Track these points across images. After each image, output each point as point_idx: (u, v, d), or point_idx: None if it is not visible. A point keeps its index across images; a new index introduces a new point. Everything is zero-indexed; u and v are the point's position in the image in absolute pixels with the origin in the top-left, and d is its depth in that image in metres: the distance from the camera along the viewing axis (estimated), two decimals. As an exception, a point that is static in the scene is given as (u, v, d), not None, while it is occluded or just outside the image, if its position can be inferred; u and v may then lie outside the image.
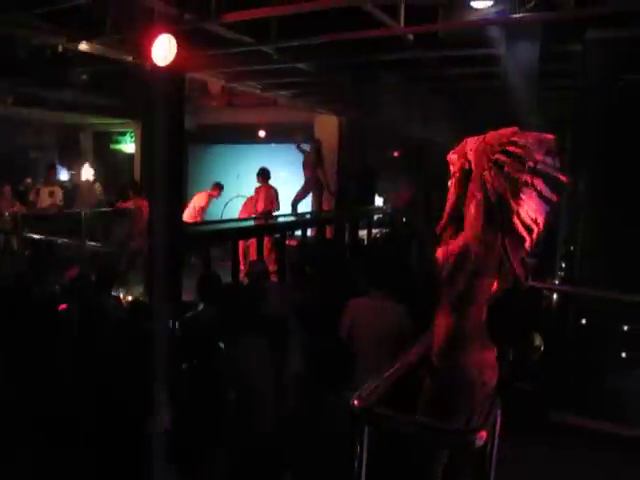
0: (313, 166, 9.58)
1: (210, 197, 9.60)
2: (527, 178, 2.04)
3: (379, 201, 11.63)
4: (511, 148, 2.08)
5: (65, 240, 7.87)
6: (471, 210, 2.19)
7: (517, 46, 4.32)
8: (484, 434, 1.61)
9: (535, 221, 2.08)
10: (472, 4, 4.21)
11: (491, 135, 2.19)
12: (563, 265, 7.02)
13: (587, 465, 3.36)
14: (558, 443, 3.60)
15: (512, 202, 2.07)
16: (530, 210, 2.07)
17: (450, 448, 2.00)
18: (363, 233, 9.54)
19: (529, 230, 2.09)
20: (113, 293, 5.70)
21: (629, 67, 4.46)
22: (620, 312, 4.35)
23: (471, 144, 2.26)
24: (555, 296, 6.12)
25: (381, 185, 11.76)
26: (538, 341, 6.07)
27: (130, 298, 6.37)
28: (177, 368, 3.29)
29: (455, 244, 2.26)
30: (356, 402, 1.72)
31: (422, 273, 5.97)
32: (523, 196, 2.05)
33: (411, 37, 5.01)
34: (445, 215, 2.35)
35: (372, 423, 1.74)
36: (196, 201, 9.42)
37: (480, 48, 5.03)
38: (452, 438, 1.63)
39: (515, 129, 2.13)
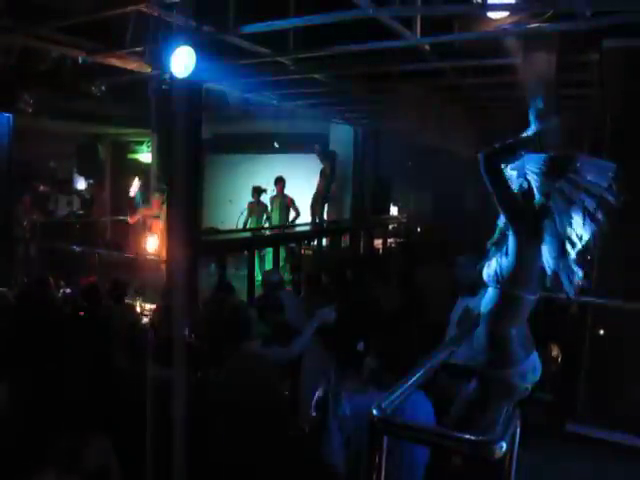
0: (326, 178, 9.62)
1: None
2: (579, 198, 2.18)
3: (394, 210, 11.64)
4: (572, 175, 2.21)
5: (81, 248, 7.96)
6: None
7: (534, 56, 4.32)
8: (504, 444, 1.60)
9: (580, 238, 2.20)
10: (488, 14, 4.22)
11: (554, 161, 2.29)
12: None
13: (605, 477, 3.33)
14: (575, 454, 3.57)
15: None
16: (577, 227, 2.18)
17: (469, 458, 2.00)
18: (378, 242, 9.56)
19: (573, 245, 2.21)
20: (128, 301, 5.78)
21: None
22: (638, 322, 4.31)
23: (532, 164, 2.36)
24: (573, 306, 6.07)
25: (395, 195, 11.78)
26: (555, 352, 6.03)
27: (147, 306, 6.43)
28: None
29: (504, 256, 2.37)
30: (375, 411, 1.72)
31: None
32: (573, 214, 2.18)
33: (427, 47, 5.02)
34: (500, 232, 2.46)
35: (391, 432, 1.74)
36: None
37: (497, 58, 5.04)
38: (471, 448, 1.62)
39: (577, 154, 2.26)
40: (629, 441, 3.64)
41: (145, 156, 12.68)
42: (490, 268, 2.46)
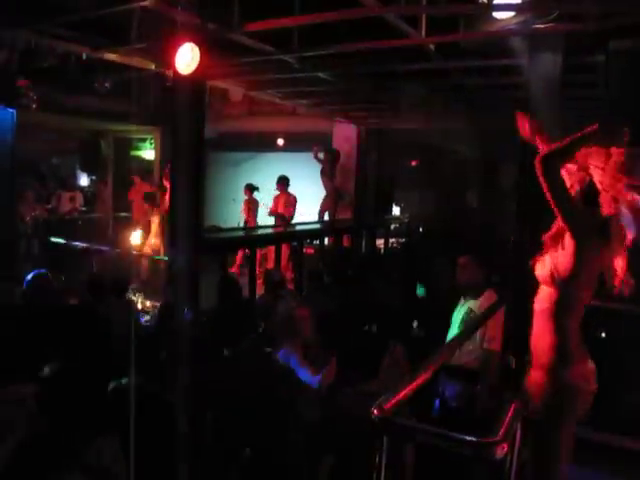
0: (328, 176, 9.64)
1: None
2: (630, 196, 2.16)
3: (396, 210, 11.63)
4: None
5: (85, 244, 7.96)
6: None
7: (540, 57, 4.30)
8: (505, 446, 1.59)
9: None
10: (494, 14, 4.20)
11: (618, 158, 2.22)
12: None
13: (603, 478, 3.31)
14: (578, 458, 3.55)
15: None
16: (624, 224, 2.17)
17: (471, 460, 1.99)
18: (380, 242, 9.54)
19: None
20: (130, 297, 5.78)
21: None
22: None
23: (597, 159, 2.29)
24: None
25: (398, 194, 11.76)
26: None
27: (148, 303, 6.43)
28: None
29: (562, 255, 2.31)
30: (375, 412, 1.71)
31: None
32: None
33: (432, 47, 5.00)
34: (559, 226, 2.38)
35: (391, 433, 1.74)
36: None
37: (502, 58, 5.02)
38: (472, 450, 1.61)
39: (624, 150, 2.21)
40: (631, 445, 3.62)
41: (148, 153, 12.68)
42: (545, 267, 2.40)
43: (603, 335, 4.64)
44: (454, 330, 4.03)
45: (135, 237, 8.29)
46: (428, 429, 1.76)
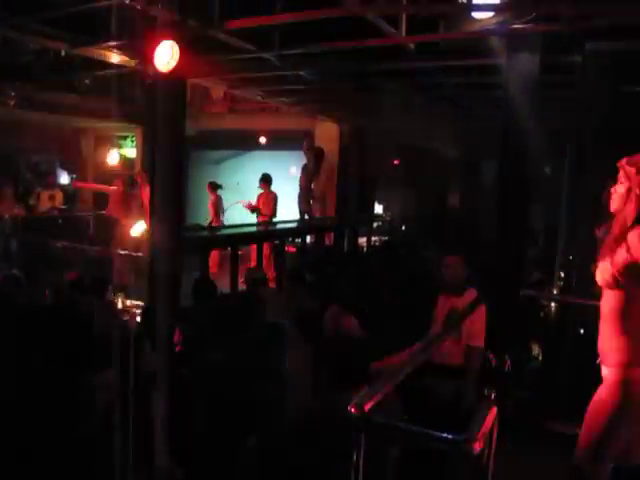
0: (310, 174, 9.62)
1: None
2: None
3: (379, 209, 11.66)
4: None
5: (64, 243, 7.88)
6: None
7: (518, 57, 4.35)
8: (480, 443, 1.61)
9: None
10: (473, 15, 4.24)
11: None
12: (562, 275, 7.03)
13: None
14: (555, 453, 3.60)
15: None
16: None
17: (447, 457, 2.01)
18: (363, 240, 9.56)
19: None
20: (110, 297, 5.74)
21: (628, 78, 4.49)
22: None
23: None
24: (553, 306, 6.13)
25: (381, 193, 11.80)
26: (536, 351, 6.09)
27: (129, 302, 6.38)
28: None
29: (625, 256, 2.31)
30: (353, 409, 1.72)
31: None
32: None
33: (412, 46, 5.03)
34: (620, 229, 2.38)
35: (368, 430, 1.75)
36: None
37: (481, 58, 5.06)
38: (449, 446, 1.63)
39: None
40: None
41: (129, 151, 12.59)
42: (606, 271, 2.39)
43: (582, 331, 4.72)
44: (437, 327, 4.06)
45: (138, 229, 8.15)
46: (405, 427, 1.78)
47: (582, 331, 4.42)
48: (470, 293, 4.01)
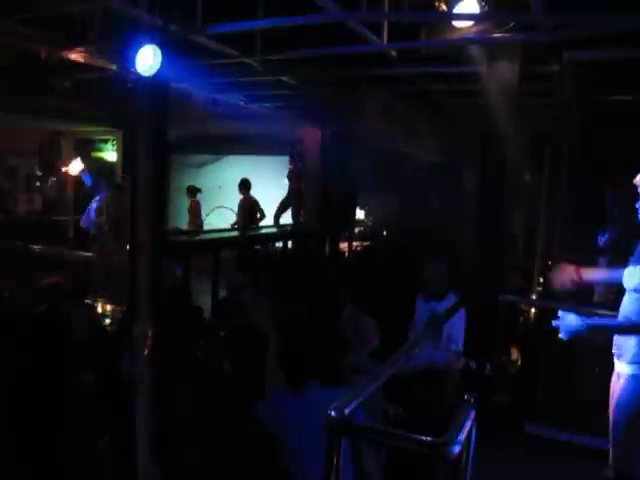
0: (296, 179, 9.65)
1: None
2: None
3: (360, 214, 11.70)
4: None
5: (43, 247, 7.79)
6: None
7: (497, 65, 4.42)
8: (458, 446, 1.63)
9: None
10: (454, 23, 4.29)
11: None
12: (541, 280, 7.12)
13: (562, 477, 3.41)
14: (533, 455, 3.65)
15: None
16: None
17: (425, 460, 2.03)
18: (344, 245, 9.59)
19: None
20: (89, 301, 5.67)
21: (605, 87, 4.59)
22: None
23: None
24: (533, 311, 6.20)
25: (363, 198, 11.83)
26: (515, 355, 6.15)
27: (109, 307, 6.33)
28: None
29: None
30: (333, 413, 1.73)
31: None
32: None
33: (394, 53, 5.08)
34: None
35: (349, 434, 1.76)
36: None
37: (462, 66, 5.13)
38: (426, 449, 1.65)
39: None
40: (583, 441, 3.74)
41: (110, 155, 12.49)
42: (636, 276, 2.57)
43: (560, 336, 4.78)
44: (418, 331, 4.09)
45: None
46: (384, 430, 1.79)
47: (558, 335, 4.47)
48: (450, 298, 4.06)
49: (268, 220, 9.52)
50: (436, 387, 3.81)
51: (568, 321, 2.62)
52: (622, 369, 2.67)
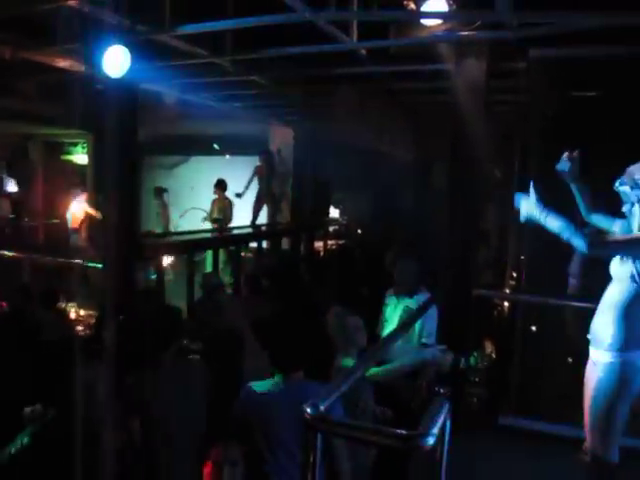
0: (266, 177, 9.63)
1: None
2: None
3: (335, 212, 11.74)
4: None
5: (12, 253, 7.63)
6: None
7: (465, 63, 4.48)
8: (432, 439, 1.66)
9: None
10: (422, 21, 4.34)
11: None
12: (514, 274, 7.22)
13: (536, 466, 3.47)
14: (507, 446, 3.71)
15: None
16: None
17: (399, 453, 2.05)
18: (319, 244, 9.62)
19: None
20: (60, 306, 5.59)
21: (571, 83, 4.68)
22: (567, 318, 4.52)
23: None
24: (506, 305, 6.30)
25: (337, 196, 11.87)
26: (489, 348, 6.24)
27: (81, 312, 6.24)
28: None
29: None
30: (309, 410, 1.74)
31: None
32: None
33: (364, 52, 5.11)
34: None
35: (324, 430, 1.77)
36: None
37: (430, 64, 5.18)
38: (400, 442, 1.67)
39: None
40: (557, 430, 3.81)
41: (80, 157, 12.30)
42: (625, 265, 2.62)
43: (533, 329, 4.88)
44: (391, 328, 4.12)
45: None
46: (359, 425, 1.81)
47: (530, 327, 4.56)
48: (421, 293, 4.09)
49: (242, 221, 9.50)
50: (407, 382, 3.84)
51: (529, 207, 2.71)
52: (598, 356, 2.72)
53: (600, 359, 2.70)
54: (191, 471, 2.93)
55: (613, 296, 2.69)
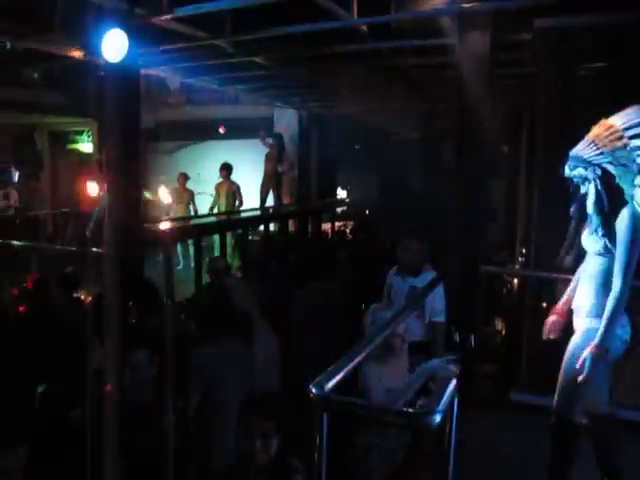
0: (274, 161, 9.58)
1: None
2: None
3: (342, 194, 11.69)
4: None
5: (22, 243, 7.65)
6: None
7: (469, 36, 4.38)
8: (438, 416, 1.64)
9: None
10: (424, -5, 4.25)
11: None
12: (523, 251, 7.17)
13: (545, 441, 3.46)
14: (519, 422, 3.70)
15: None
16: None
17: (408, 430, 2.04)
18: (327, 226, 9.59)
19: None
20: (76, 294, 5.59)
21: (579, 55, 4.57)
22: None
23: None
24: (516, 281, 6.25)
25: (344, 178, 11.83)
26: (500, 325, 6.22)
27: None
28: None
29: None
30: (314, 389, 1.73)
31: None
32: None
33: (365, 28, 5.02)
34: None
35: (330, 410, 1.75)
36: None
37: (433, 38, 5.08)
38: (407, 421, 1.65)
39: None
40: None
41: (86, 146, 12.31)
42: (598, 241, 2.67)
43: (543, 305, 4.84)
44: (398, 306, 4.08)
45: None
46: (366, 404, 1.79)
47: (539, 303, 4.52)
48: (426, 272, 4.05)
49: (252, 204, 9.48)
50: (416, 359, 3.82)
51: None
52: (578, 324, 2.78)
53: (579, 326, 2.76)
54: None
55: (591, 268, 2.75)
